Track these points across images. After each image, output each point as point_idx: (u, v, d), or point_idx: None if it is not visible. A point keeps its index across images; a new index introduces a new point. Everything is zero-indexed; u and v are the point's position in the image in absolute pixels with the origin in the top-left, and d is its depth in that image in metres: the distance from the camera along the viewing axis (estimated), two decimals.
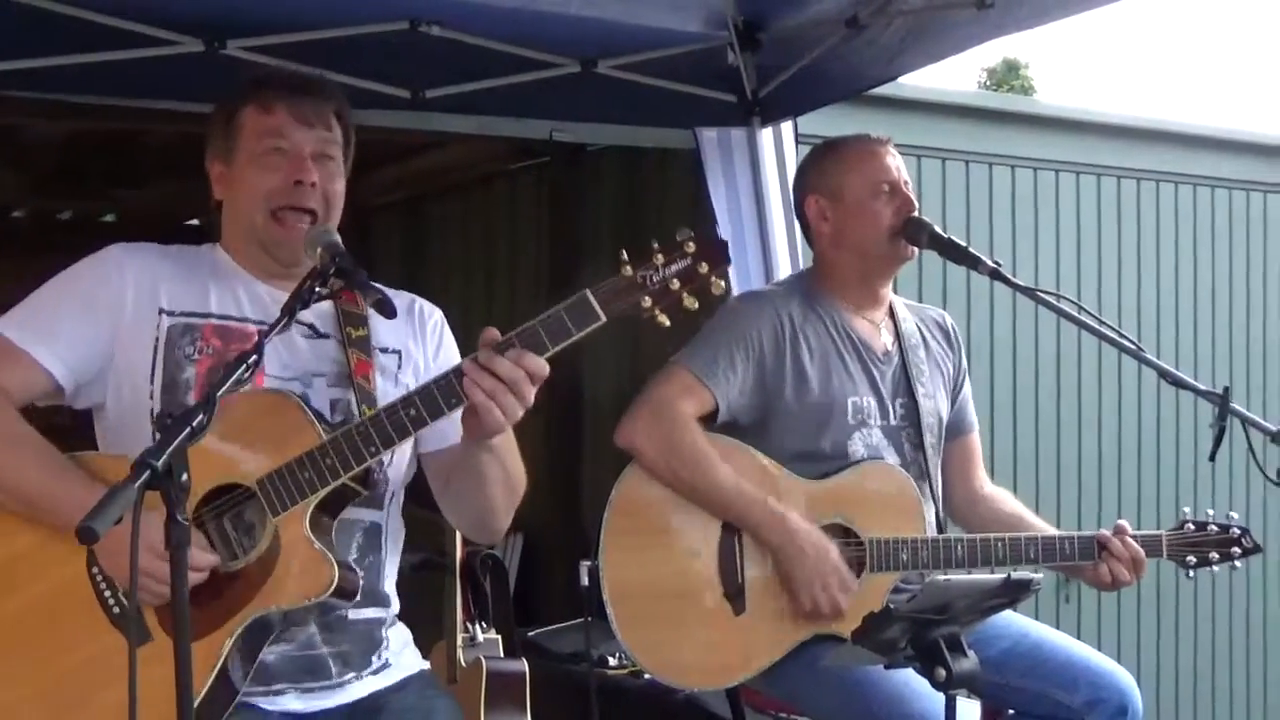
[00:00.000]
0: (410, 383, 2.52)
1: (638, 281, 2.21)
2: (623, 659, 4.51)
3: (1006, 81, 28.41)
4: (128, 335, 2.38)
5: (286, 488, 2.23)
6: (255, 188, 2.43)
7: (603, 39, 4.22)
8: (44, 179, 7.86)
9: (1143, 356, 2.97)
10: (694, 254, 2.20)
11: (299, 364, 2.43)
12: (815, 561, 2.91)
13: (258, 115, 2.44)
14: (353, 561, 2.42)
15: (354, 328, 2.47)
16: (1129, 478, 6.68)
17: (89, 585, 2.27)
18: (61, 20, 3.59)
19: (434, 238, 8.31)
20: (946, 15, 3.95)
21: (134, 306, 2.39)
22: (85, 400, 2.43)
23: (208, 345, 2.39)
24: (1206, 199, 6.99)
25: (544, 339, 2.23)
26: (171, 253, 2.51)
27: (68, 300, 2.41)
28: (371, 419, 2.24)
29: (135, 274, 2.41)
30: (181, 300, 2.42)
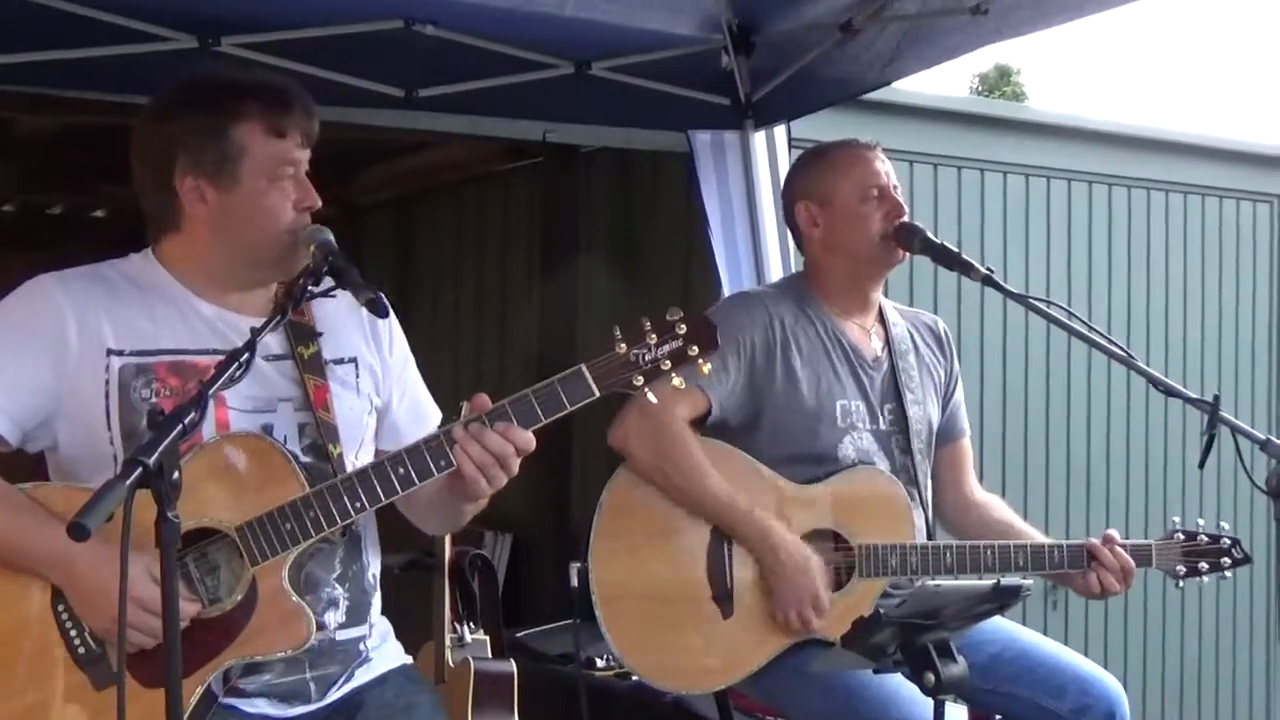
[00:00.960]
0: (369, 390, 2.49)
1: (630, 359, 2.29)
2: (611, 661, 4.50)
3: (998, 88, 28.44)
4: (74, 377, 2.27)
5: (268, 537, 2.20)
6: (272, 213, 2.32)
7: (597, 41, 4.23)
8: (34, 173, 7.84)
9: (1133, 364, 2.97)
10: (685, 335, 2.30)
11: (263, 391, 2.35)
12: (793, 579, 2.92)
13: (268, 139, 2.31)
14: (336, 578, 2.40)
15: (304, 345, 2.40)
16: (1117, 485, 6.69)
17: (53, 623, 2.20)
18: (55, 15, 3.58)
19: (425, 238, 8.30)
20: (941, 21, 3.96)
21: (78, 346, 2.27)
22: (34, 445, 2.32)
23: (164, 386, 2.28)
24: (1197, 207, 7.01)
25: (537, 410, 2.27)
26: (107, 278, 2.36)
27: (4, 345, 2.27)
28: (359, 474, 2.23)
29: (75, 311, 2.28)
30: (127, 336, 2.29)
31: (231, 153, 2.30)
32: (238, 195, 2.32)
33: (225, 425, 2.31)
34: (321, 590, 2.38)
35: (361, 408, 2.47)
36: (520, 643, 4.95)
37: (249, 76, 2.45)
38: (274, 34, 3.85)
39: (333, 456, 2.35)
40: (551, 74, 4.32)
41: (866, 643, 2.31)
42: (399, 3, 3.86)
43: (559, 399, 2.27)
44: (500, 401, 2.27)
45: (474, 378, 7.38)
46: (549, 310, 6.82)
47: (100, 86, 4.06)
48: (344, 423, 2.41)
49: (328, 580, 2.40)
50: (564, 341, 6.72)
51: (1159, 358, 6.59)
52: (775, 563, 2.93)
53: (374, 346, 2.53)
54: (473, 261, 7.79)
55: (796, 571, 2.92)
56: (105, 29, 3.70)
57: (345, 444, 2.40)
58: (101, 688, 2.20)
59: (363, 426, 2.48)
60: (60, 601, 2.21)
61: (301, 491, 2.23)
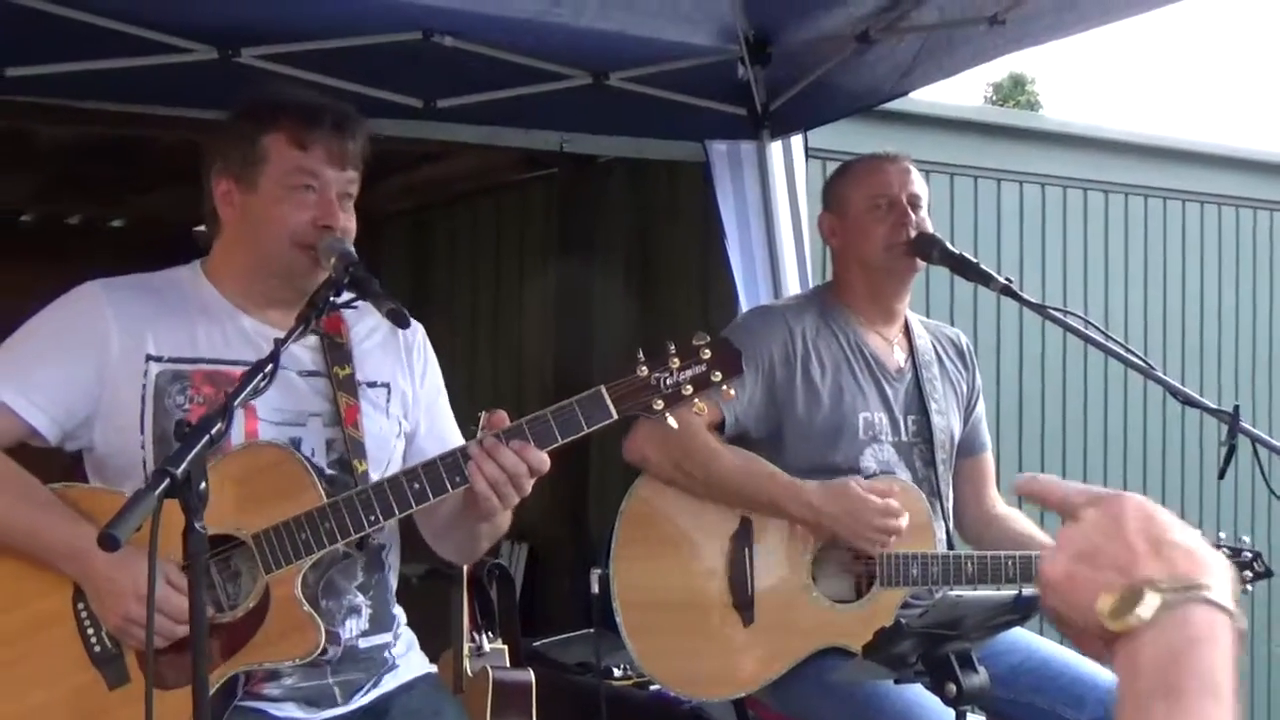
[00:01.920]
0: (398, 414, 2.53)
1: (651, 383, 2.27)
2: (628, 669, 4.51)
3: (1013, 97, 28.42)
4: (113, 381, 2.32)
5: (282, 546, 2.22)
6: (281, 221, 2.36)
7: (614, 51, 4.23)
8: (53, 183, 7.88)
9: (1153, 374, 2.97)
10: (709, 360, 2.28)
11: (294, 405, 2.40)
12: (843, 509, 2.92)
13: (290, 149, 2.37)
14: (358, 586, 2.43)
15: (340, 366, 2.44)
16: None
17: (73, 620, 2.25)
18: (76, 26, 3.60)
19: (442, 247, 8.32)
20: (958, 31, 3.96)
21: (120, 350, 2.33)
22: (73, 444, 2.38)
23: (198, 393, 2.34)
24: (1214, 216, 7.00)
25: (554, 430, 2.27)
26: (153, 287, 2.44)
27: (48, 345, 2.34)
28: (374, 487, 2.25)
29: (118, 316, 2.34)
30: (168, 344, 2.35)
31: (255, 158, 2.38)
32: (255, 200, 2.39)
33: (255, 436, 2.35)
34: (343, 598, 2.41)
35: (391, 430, 2.51)
36: (537, 652, 4.96)
37: (298, 94, 2.52)
38: (294, 45, 3.87)
39: (357, 472, 2.37)
40: (569, 84, 4.33)
41: (888, 653, 2.31)
42: (418, 14, 3.87)
43: (577, 420, 2.26)
44: (518, 420, 2.27)
45: (489, 385, 7.40)
46: (565, 319, 6.84)
47: (120, 97, 4.09)
48: (373, 442, 2.45)
49: (349, 588, 2.43)
50: (579, 350, 6.74)
51: (1175, 367, 6.57)
52: (818, 511, 2.93)
53: (408, 374, 2.58)
54: (489, 271, 7.81)
55: (842, 499, 2.92)
56: (126, 40, 3.71)
57: (373, 463, 2.44)
58: (114, 687, 2.23)
59: (391, 448, 2.52)
60: (81, 600, 2.25)
61: (319, 502, 2.25)
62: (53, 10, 3.54)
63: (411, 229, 8.37)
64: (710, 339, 2.29)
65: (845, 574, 2.97)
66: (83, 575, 2.22)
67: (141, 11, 3.67)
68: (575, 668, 4.86)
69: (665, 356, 2.27)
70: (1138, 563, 1.08)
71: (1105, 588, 1.07)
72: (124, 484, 2.30)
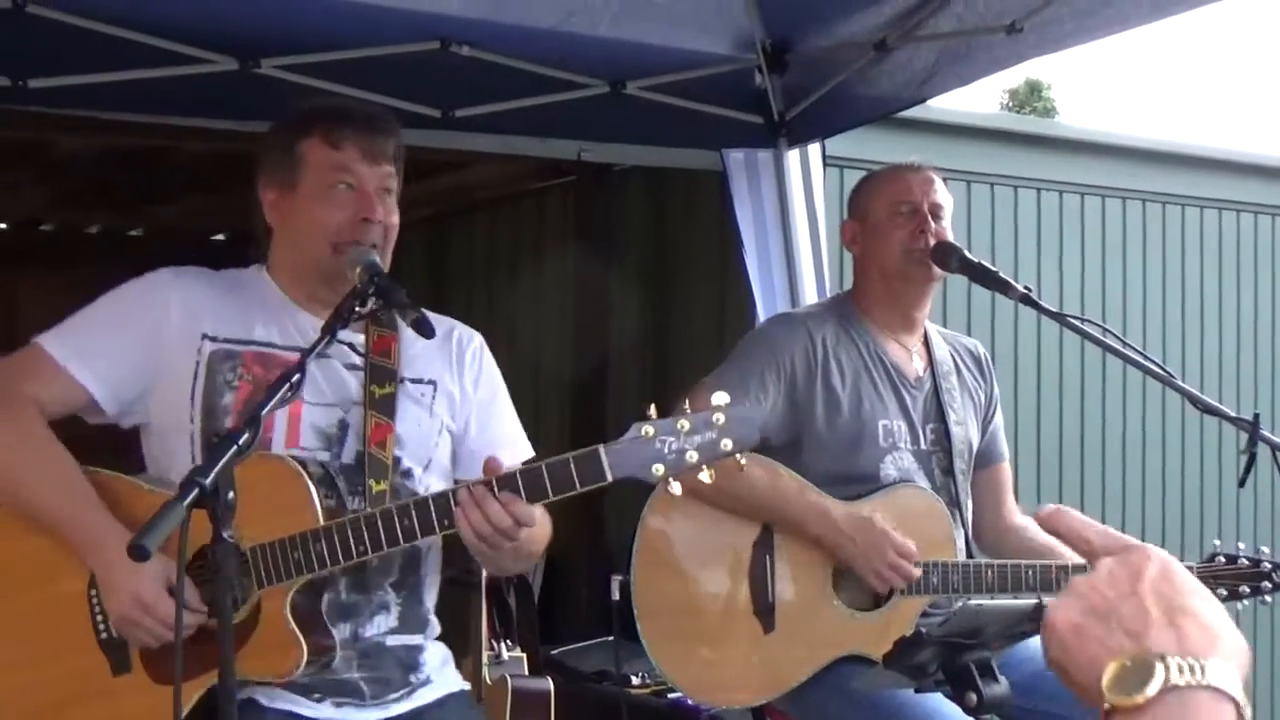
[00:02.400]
0: (443, 413, 2.55)
1: (655, 447, 2.13)
2: (646, 678, 4.52)
3: (1029, 103, 28.38)
4: (169, 357, 2.40)
5: (275, 563, 2.24)
6: (321, 222, 2.43)
7: (631, 60, 4.25)
8: (73, 193, 7.93)
9: (1172, 382, 2.96)
10: (721, 427, 2.12)
11: (339, 392, 2.45)
12: (864, 541, 2.92)
13: (325, 150, 2.44)
14: (391, 583, 2.45)
15: (378, 385, 2.46)
16: (1154, 505, 6.65)
17: (86, 604, 2.32)
18: (98, 38, 3.62)
19: (459, 256, 8.34)
20: (976, 39, 3.96)
21: (177, 329, 2.41)
22: (130, 419, 2.46)
23: (248, 372, 2.41)
24: (1232, 223, 6.98)
25: (546, 485, 2.20)
26: (219, 277, 2.54)
27: (110, 320, 2.44)
28: (367, 518, 2.25)
29: (180, 297, 2.44)
30: (225, 327, 2.44)
31: (293, 164, 2.47)
32: (295, 201, 2.47)
33: (298, 417, 2.41)
34: (373, 593, 2.44)
35: (433, 427, 2.54)
36: (555, 660, 4.96)
37: (329, 102, 2.64)
38: (313, 55, 3.89)
39: (371, 492, 2.39)
40: (586, 93, 4.34)
41: (908, 662, 2.31)
42: (436, 24, 3.89)
43: (570, 478, 2.18)
44: (512, 468, 2.25)
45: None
46: (582, 328, 6.85)
47: (141, 108, 4.12)
48: (410, 438, 2.49)
49: (381, 584, 2.45)
50: (596, 358, 6.75)
51: (1194, 375, 6.55)
52: (840, 534, 2.93)
53: (456, 375, 2.61)
54: (506, 279, 7.83)
55: (864, 532, 2.92)
56: (146, 51, 3.73)
57: (413, 459, 2.49)
58: (117, 673, 2.31)
59: (432, 446, 2.54)
60: (94, 586, 2.31)
61: (315, 524, 2.26)
62: (74, 22, 3.57)
63: (429, 238, 8.39)
64: (728, 403, 2.14)
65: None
66: (97, 565, 2.29)
67: (162, 23, 3.69)
68: (593, 676, 4.87)
69: (674, 418, 2.15)
70: (1149, 629, 1.03)
71: (1111, 653, 1.04)
72: (174, 457, 2.39)
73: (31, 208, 8.49)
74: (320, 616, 2.33)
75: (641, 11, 3.96)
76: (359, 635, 2.42)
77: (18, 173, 7.33)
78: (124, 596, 2.24)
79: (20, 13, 3.47)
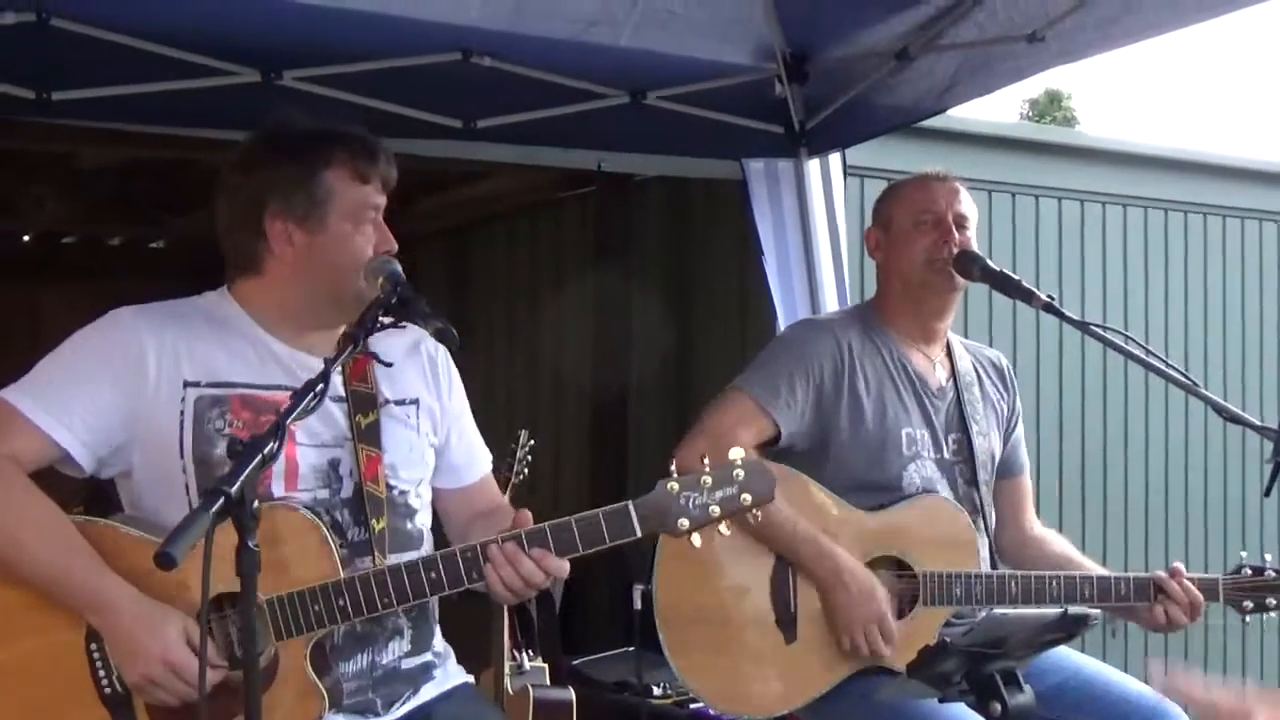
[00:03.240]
0: (428, 430, 2.56)
1: (680, 503, 2.25)
2: (667, 688, 4.50)
3: (1049, 113, 28.32)
4: (151, 407, 2.33)
5: (295, 616, 2.23)
6: (356, 255, 2.39)
7: (652, 70, 4.25)
8: (96, 205, 7.98)
9: (1198, 390, 2.94)
10: (741, 483, 2.25)
11: (330, 429, 2.41)
12: (859, 604, 2.91)
13: (354, 184, 2.42)
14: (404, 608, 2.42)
15: (363, 414, 2.44)
16: (1176, 516, 6.61)
17: (84, 657, 2.26)
18: (121, 51, 3.65)
19: (479, 266, 8.36)
20: (997, 48, 3.95)
21: (156, 378, 2.33)
22: (109, 472, 2.38)
23: (237, 418, 2.34)
24: (1254, 231, 6.95)
25: (576, 539, 2.27)
26: (186, 313, 2.44)
27: (83, 374, 2.33)
28: (392, 570, 2.26)
29: (155, 342, 2.35)
30: (204, 369, 2.36)
31: (320, 197, 2.40)
32: (325, 238, 2.41)
33: (294, 460, 2.37)
34: (387, 620, 2.42)
35: (421, 446, 2.55)
36: (576, 670, 4.96)
37: (332, 125, 2.52)
38: (335, 67, 3.91)
39: (374, 531, 2.38)
40: (607, 104, 4.35)
41: (933, 671, 2.30)
42: (457, 36, 3.91)
43: (600, 532, 2.26)
44: (541, 524, 2.27)
45: (526, 405, 7.42)
46: (602, 338, 6.85)
47: (165, 120, 4.13)
48: (403, 463, 2.49)
49: (394, 610, 2.42)
50: (617, 369, 6.75)
51: (1217, 384, 6.51)
52: (840, 587, 2.92)
53: (434, 390, 2.60)
54: (526, 290, 7.84)
55: (862, 596, 2.91)
56: (169, 64, 3.75)
57: (407, 481, 2.49)
58: None
59: (424, 464, 2.55)
60: (94, 640, 2.25)
61: (335, 575, 2.26)
62: (97, 35, 3.60)
63: (450, 248, 8.41)
64: (745, 460, 2.27)
65: (889, 594, 2.96)
66: (107, 628, 2.23)
67: (185, 35, 3.71)
68: (614, 686, 4.86)
69: (697, 475, 2.26)
70: None
71: None
72: (164, 509, 2.31)
73: (54, 220, 8.53)
74: (329, 657, 2.33)
75: (662, 22, 3.97)
76: (375, 663, 2.42)
77: (41, 185, 7.38)
78: (151, 659, 2.18)
79: (44, 26, 3.50)
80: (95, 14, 3.56)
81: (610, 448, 6.65)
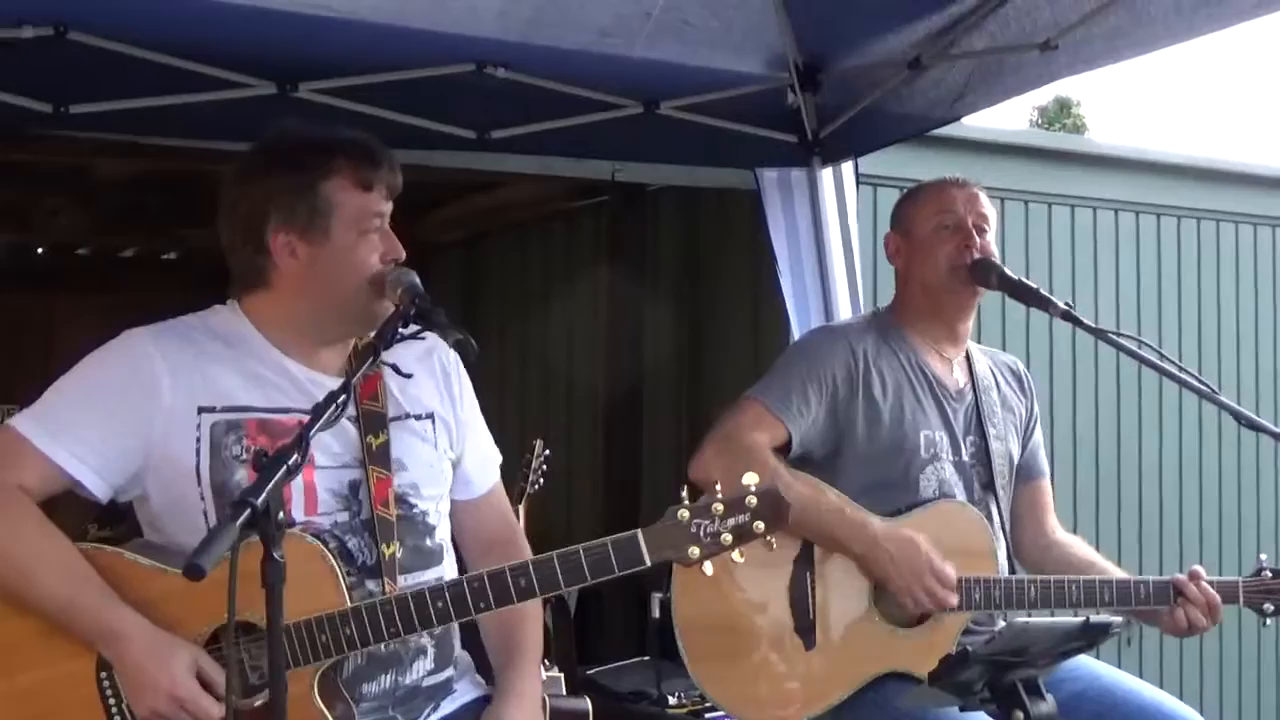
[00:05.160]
0: (445, 445, 2.53)
1: (690, 531, 2.22)
2: (683, 698, 4.50)
3: (1058, 120, 28.28)
4: (165, 434, 2.30)
5: (301, 645, 2.20)
6: (360, 265, 2.35)
7: (665, 80, 4.26)
8: (109, 217, 8.00)
9: (1215, 397, 2.94)
10: (753, 509, 2.22)
11: (347, 451, 2.39)
12: (905, 562, 2.89)
13: (356, 192, 2.36)
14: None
15: (374, 435, 2.41)
16: (1191, 521, 6.59)
17: (94, 687, 2.23)
18: (138, 63, 3.66)
19: (493, 276, 8.38)
20: (1010, 57, 3.96)
21: (170, 403, 2.30)
22: (124, 498, 2.37)
23: (253, 443, 2.30)
24: (1268, 238, 6.94)
25: (585, 570, 2.24)
26: (199, 334, 2.39)
27: (96, 403, 2.30)
28: (399, 600, 2.24)
29: (169, 368, 2.31)
30: (218, 393, 2.32)
31: (322, 208, 2.35)
32: (328, 249, 2.36)
33: (311, 483, 2.34)
34: (409, 641, 2.40)
35: (439, 460, 2.52)
36: (591, 680, 4.95)
37: (332, 133, 2.47)
38: (350, 79, 3.92)
39: (384, 557, 2.36)
40: (620, 114, 4.36)
41: (954, 680, 2.30)
42: (471, 47, 3.92)
43: (609, 563, 2.23)
44: (549, 554, 2.25)
45: (540, 414, 7.42)
46: (616, 347, 6.86)
47: (181, 133, 4.15)
48: (426, 479, 2.47)
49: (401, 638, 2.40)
50: (631, 378, 6.75)
51: (1231, 390, 6.49)
52: (880, 551, 2.91)
53: (448, 402, 2.57)
54: (540, 300, 7.85)
55: (904, 554, 2.90)
56: (186, 77, 3.77)
57: (427, 499, 2.47)
58: None
59: (444, 479, 2.54)
60: (105, 669, 2.24)
61: (341, 605, 2.23)
62: (115, 48, 3.61)
63: (464, 258, 8.43)
64: (758, 486, 2.23)
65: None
66: (117, 659, 2.21)
67: (201, 48, 3.73)
68: (629, 696, 4.86)
69: (708, 502, 2.23)
70: None
71: None
72: (181, 535, 2.28)
73: (68, 231, 8.56)
74: (339, 686, 2.30)
75: (675, 32, 3.98)
76: (399, 684, 2.40)
77: (56, 197, 7.41)
78: (159, 693, 2.16)
79: (62, 39, 3.52)
80: (112, 27, 3.57)
81: (623, 456, 6.65)
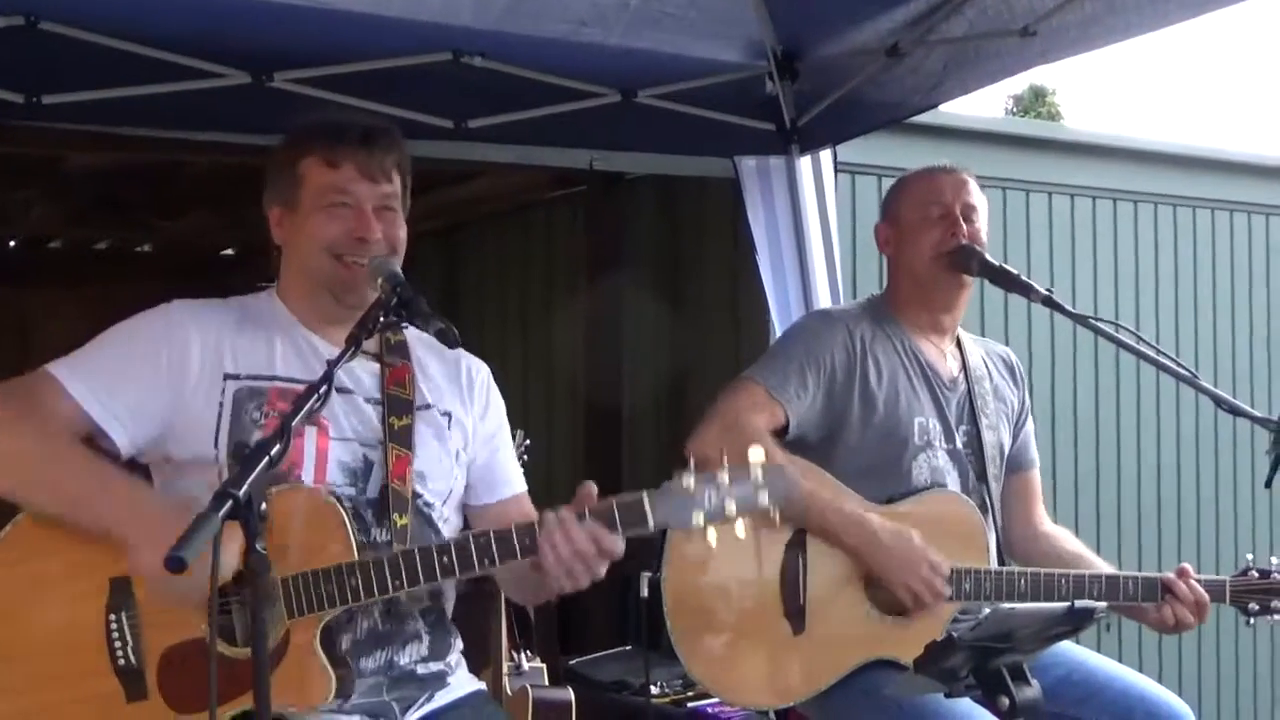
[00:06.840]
0: (459, 446, 2.56)
1: (695, 498, 2.21)
2: (665, 687, 4.50)
3: (1033, 109, 28.34)
4: (190, 398, 2.38)
5: (308, 594, 2.23)
6: (318, 235, 2.43)
7: (643, 69, 4.26)
8: (83, 209, 7.93)
9: (1197, 383, 2.95)
10: (759, 483, 2.21)
11: (362, 427, 2.44)
12: (900, 554, 2.89)
13: (322, 169, 2.45)
14: (421, 610, 2.46)
15: (397, 417, 2.46)
16: (1169, 516, 6.60)
17: (102, 629, 2.28)
18: (111, 53, 3.63)
19: (471, 266, 8.35)
20: (988, 44, 3.96)
21: (199, 370, 2.39)
22: (145, 458, 2.44)
23: (273, 409, 2.38)
24: (1243, 224, 6.97)
25: None
26: (233, 308, 2.51)
27: (130, 362, 2.39)
28: (405, 554, 2.26)
29: (200, 336, 2.41)
30: (247, 363, 2.42)
31: (293, 181, 2.48)
32: (297, 219, 2.48)
33: (325, 455, 2.40)
34: (406, 623, 2.44)
35: (451, 460, 2.55)
36: (573, 670, 4.95)
37: (331, 117, 2.59)
38: (326, 68, 3.90)
39: (395, 526, 2.39)
40: (598, 103, 4.35)
41: (940, 666, 2.30)
42: (448, 36, 3.90)
43: (613, 522, 2.24)
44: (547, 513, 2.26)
45: (520, 404, 7.40)
46: (595, 337, 6.84)
47: (154, 123, 4.12)
48: (431, 473, 2.49)
49: (413, 612, 2.46)
50: (611, 367, 6.74)
51: (1209, 376, 6.49)
52: (878, 547, 2.90)
53: (468, 408, 2.61)
54: (518, 289, 7.83)
55: (900, 546, 2.90)
56: (159, 66, 3.74)
57: (434, 494, 2.49)
58: (131, 700, 2.27)
59: (452, 478, 2.55)
60: (113, 611, 2.27)
61: (349, 557, 2.26)
62: (86, 38, 3.58)
63: (441, 248, 8.40)
64: (763, 463, 2.22)
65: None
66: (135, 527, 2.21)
67: (175, 37, 3.70)
68: (611, 685, 4.85)
69: (714, 470, 2.23)
70: None
71: None
72: (194, 491, 2.31)
73: (41, 224, 8.50)
74: (341, 646, 2.33)
75: (653, 21, 3.97)
76: (393, 663, 2.42)
77: (28, 189, 7.34)
78: None
79: (33, 29, 3.49)
80: (84, 17, 3.55)
81: (604, 445, 6.64)
